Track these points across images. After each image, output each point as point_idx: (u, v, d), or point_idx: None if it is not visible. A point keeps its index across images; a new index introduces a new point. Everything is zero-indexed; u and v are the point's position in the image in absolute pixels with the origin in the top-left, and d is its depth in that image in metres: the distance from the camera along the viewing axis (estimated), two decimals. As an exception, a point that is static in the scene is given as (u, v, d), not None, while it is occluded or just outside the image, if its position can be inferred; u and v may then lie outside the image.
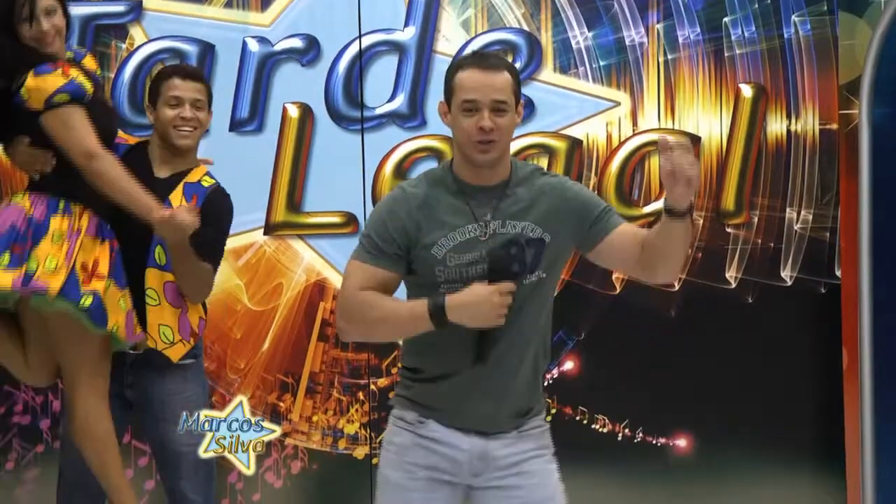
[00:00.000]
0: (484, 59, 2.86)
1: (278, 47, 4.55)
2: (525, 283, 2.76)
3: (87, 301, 3.33)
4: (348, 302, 2.81)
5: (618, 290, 4.56)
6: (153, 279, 3.56)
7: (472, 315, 2.70)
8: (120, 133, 3.72)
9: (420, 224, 2.80)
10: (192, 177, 3.65)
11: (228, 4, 4.55)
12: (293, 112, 4.55)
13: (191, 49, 4.52)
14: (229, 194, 3.71)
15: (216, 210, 3.64)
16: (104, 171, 3.39)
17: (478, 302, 2.68)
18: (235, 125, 4.55)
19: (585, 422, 4.59)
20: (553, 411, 4.53)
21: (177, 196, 3.59)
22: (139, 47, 4.52)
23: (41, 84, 3.37)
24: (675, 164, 2.63)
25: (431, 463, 2.84)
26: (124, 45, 4.52)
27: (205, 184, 3.66)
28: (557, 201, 2.83)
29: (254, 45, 4.54)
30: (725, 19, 4.57)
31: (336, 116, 4.56)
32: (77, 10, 4.48)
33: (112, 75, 4.51)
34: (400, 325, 2.81)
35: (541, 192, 2.83)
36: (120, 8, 4.52)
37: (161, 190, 3.56)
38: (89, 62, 3.65)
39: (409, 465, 2.85)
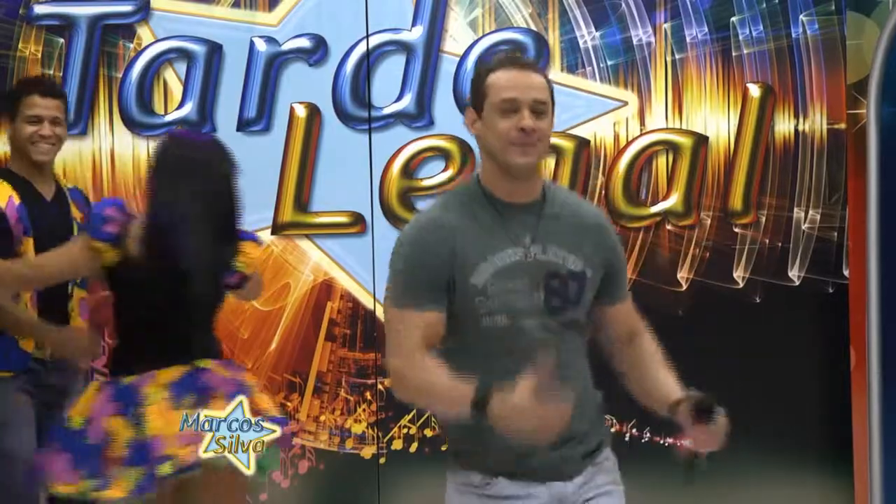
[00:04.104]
0: (519, 59, 2.66)
1: (286, 47, 4.55)
2: (560, 321, 2.54)
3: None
4: (406, 372, 2.47)
5: (625, 290, 4.56)
6: (75, 298, 3.82)
7: (517, 428, 2.30)
8: None
9: (455, 250, 2.49)
10: (64, 184, 3.90)
11: (236, 4, 4.55)
12: (301, 112, 4.55)
13: (198, 49, 4.52)
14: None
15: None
16: None
17: (525, 417, 2.28)
18: (243, 125, 4.55)
19: (593, 421, 4.58)
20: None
21: (75, 209, 3.82)
22: (147, 47, 4.52)
23: None
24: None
25: None
26: (132, 45, 4.52)
27: (70, 185, 3.94)
28: (600, 243, 2.63)
29: (261, 45, 4.54)
30: (733, 19, 4.56)
31: (343, 116, 4.56)
32: (84, 10, 4.50)
33: (119, 75, 4.51)
34: (448, 408, 2.45)
35: (584, 223, 2.62)
36: (127, 8, 4.52)
37: (57, 211, 3.77)
38: None
39: None
